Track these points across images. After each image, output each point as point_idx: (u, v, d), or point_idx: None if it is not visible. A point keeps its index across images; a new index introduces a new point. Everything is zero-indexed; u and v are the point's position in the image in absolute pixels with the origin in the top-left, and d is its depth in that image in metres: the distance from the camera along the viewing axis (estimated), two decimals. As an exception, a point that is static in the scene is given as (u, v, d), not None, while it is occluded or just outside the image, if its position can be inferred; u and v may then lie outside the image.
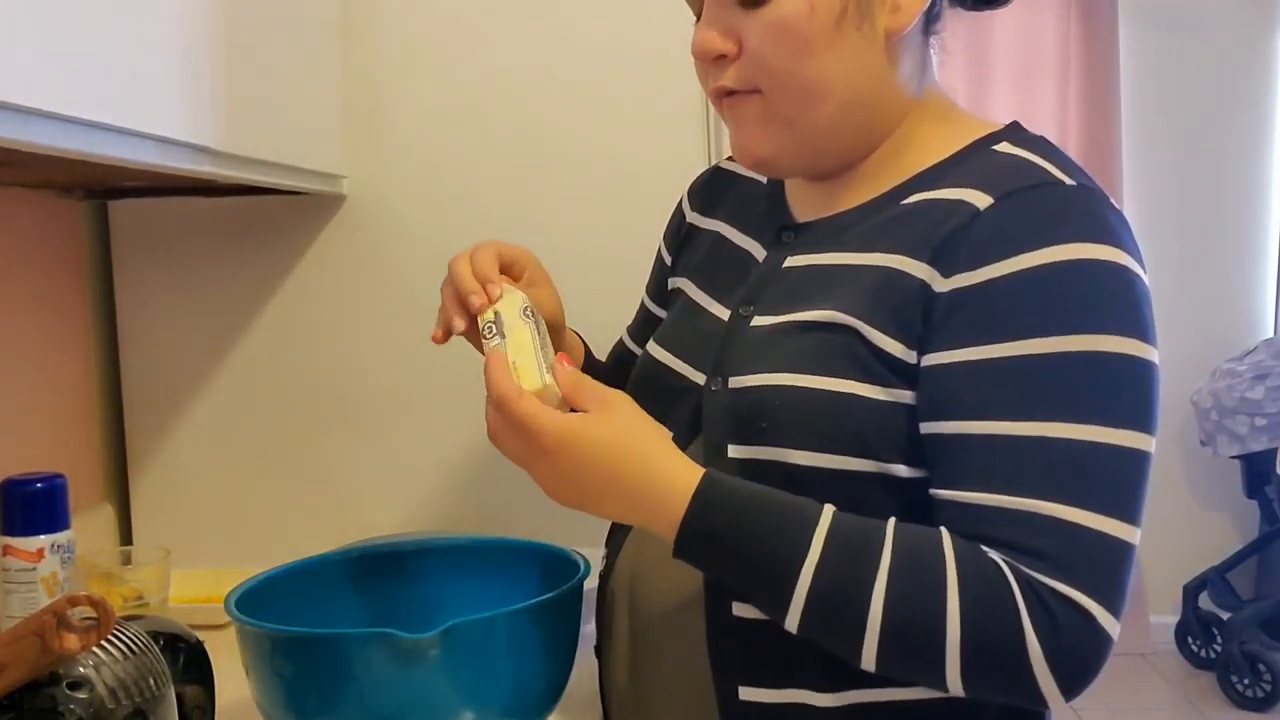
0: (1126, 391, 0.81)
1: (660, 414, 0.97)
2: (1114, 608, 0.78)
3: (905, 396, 0.84)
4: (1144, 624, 3.81)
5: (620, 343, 1.24)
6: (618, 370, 1.15)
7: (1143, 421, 0.81)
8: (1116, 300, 0.82)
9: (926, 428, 0.84)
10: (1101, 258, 0.82)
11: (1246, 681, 3.33)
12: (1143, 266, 0.85)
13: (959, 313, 0.83)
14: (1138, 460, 0.80)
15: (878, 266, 0.87)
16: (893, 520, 0.82)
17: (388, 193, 1.53)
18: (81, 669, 0.80)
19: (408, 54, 1.51)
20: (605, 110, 1.50)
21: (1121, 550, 0.79)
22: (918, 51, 0.94)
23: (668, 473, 0.84)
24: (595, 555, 1.04)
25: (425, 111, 1.52)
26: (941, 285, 0.84)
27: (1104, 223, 0.84)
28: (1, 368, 1.38)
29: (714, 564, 0.84)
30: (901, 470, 0.85)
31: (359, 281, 1.54)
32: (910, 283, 0.85)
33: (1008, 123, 0.94)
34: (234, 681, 0.99)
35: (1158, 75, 3.80)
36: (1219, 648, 3.52)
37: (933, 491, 0.83)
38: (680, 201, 1.15)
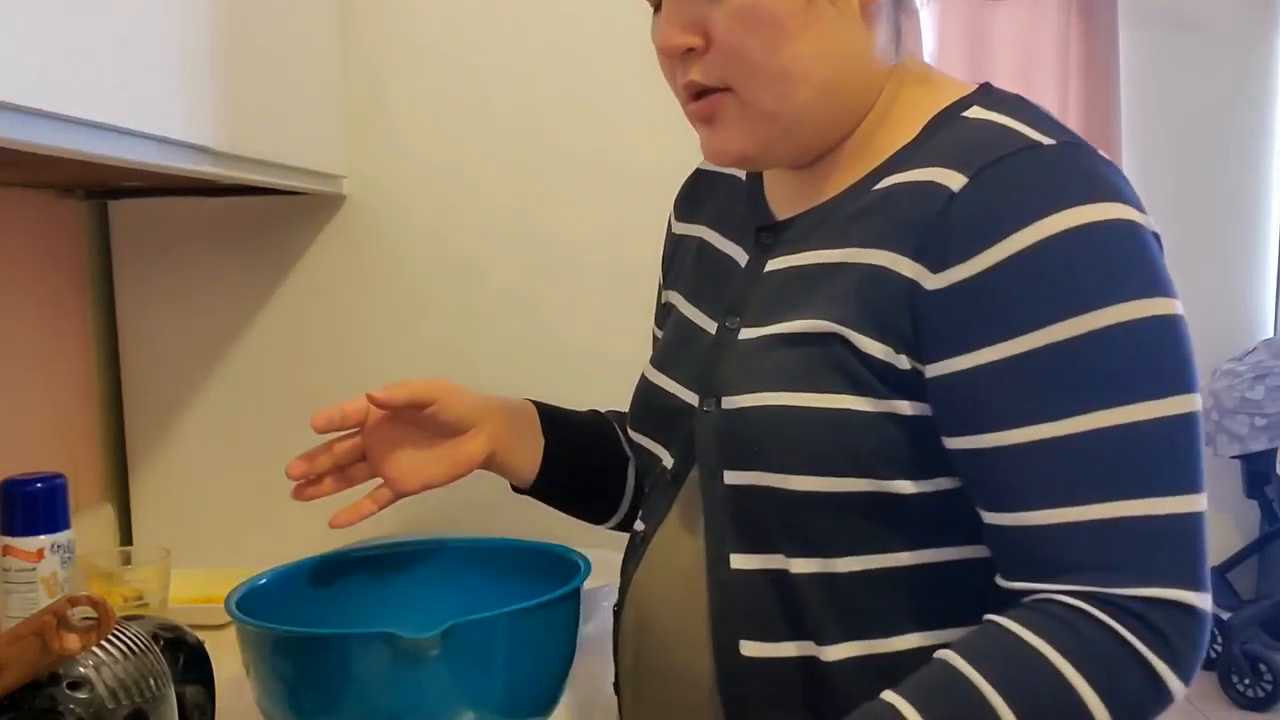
0: (1162, 355, 0.76)
1: (662, 439, 0.94)
2: (1200, 584, 0.74)
3: (900, 407, 0.79)
4: (1144, 624, 3.80)
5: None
6: None
7: (1185, 381, 0.76)
8: (1128, 260, 0.76)
9: (955, 443, 0.78)
10: (1101, 218, 0.75)
11: (1247, 681, 3.33)
12: (1145, 213, 0.79)
13: (959, 310, 0.76)
14: (1190, 424, 0.76)
15: (858, 264, 0.82)
16: (949, 653, 0.75)
17: (388, 192, 1.53)
18: (81, 669, 0.79)
19: (408, 53, 1.51)
20: (607, 108, 1.50)
21: (1193, 524, 0.75)
22: (891, 21, 0.87)
23: None
24: (595, 555, 1.04)
25: (426, 111, 1.51)
26: (933, 282, 0.77)
27: (1096, 178, 0.77)
28: (1, 368, 1.38)
29: None
30: (905, 487, 0.79)
31: (359, 281, 1.54)
32: (896, 282, 0.79)
33: (979, 84, 0.87)
34: (234, 681, 0.99)
35: (1158, 75, 3.80)
36: (1219, 648, 3.51)
37: (983, 515, 0.78)
38: (670, 214, 1.10)
